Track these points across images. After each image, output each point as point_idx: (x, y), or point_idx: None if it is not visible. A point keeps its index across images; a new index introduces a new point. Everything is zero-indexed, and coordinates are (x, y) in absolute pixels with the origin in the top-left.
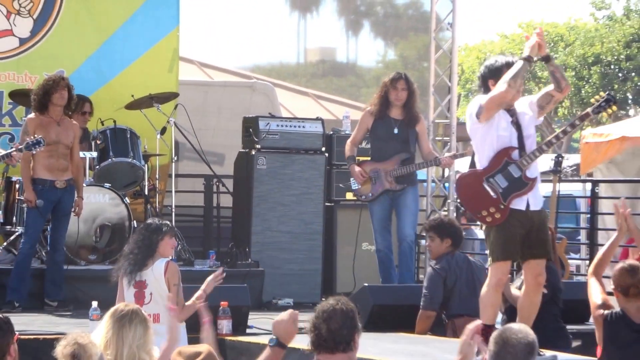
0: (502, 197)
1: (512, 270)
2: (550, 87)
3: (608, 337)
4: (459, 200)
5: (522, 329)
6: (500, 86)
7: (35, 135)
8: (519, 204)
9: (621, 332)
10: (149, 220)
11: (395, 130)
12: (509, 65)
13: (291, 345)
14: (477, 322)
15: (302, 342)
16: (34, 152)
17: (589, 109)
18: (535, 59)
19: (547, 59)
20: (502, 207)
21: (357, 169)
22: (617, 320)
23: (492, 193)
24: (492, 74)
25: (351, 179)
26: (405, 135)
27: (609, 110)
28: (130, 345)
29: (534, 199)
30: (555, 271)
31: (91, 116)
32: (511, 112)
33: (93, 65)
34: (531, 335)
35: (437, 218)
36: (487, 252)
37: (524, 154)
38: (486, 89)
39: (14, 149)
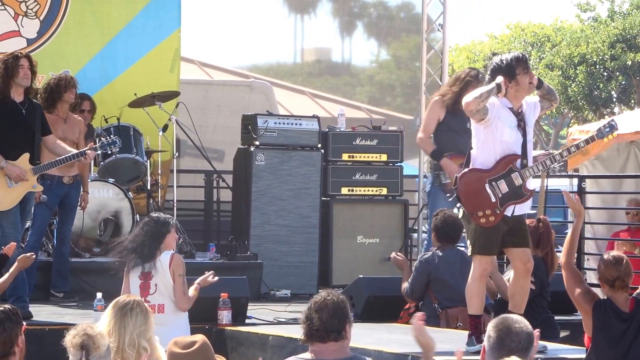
0: (500, 202)
1: (504, 262)
2: None
3: (597, 325)
4: (456, 195)
5: (521, 319)
6: (469, 95)
7: (112, 136)
8: (508, 210)
9: (610, 320)
10: (155, 214)
11: (468, 125)
12: (518, 60)
13: (287, 335)
14: (419, 314)
15: (297, 332)
16: (109, 152)
17: (594, 134)
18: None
19: (539, 86)
20: (497, 211)
21: (454, 164)
22: (606, 308)
23: (492, 196)
24: (504, 70)
25: (441, 173)
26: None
27: (610, 136)
28: (131, 333)
29: (520, 207)
30: (542, 266)
31: (91, 114)
32: (520, 115)
33: (97, 65)
34: (530, 326)
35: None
36: (468, 243)
37: (526, 162)
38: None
39: (88, 147)
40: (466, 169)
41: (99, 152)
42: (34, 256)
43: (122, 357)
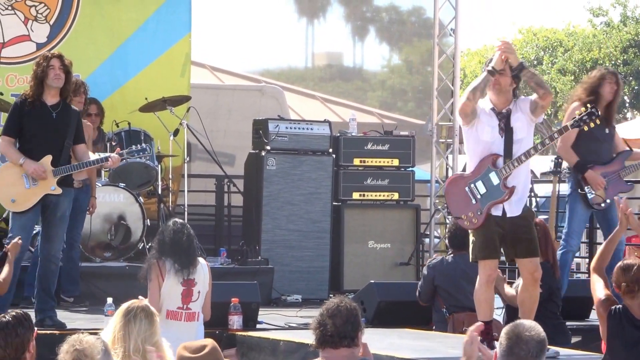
0: (480, 203)
1: (514, 268)
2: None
3: (612, 332)
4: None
5: (533, 325)
6: (462, 96)
7: (143, 144)
8: (495, 210)
9: (624, 328)
10: (180, 219)
11: (607, 130)
12: (487, 62)
13: (298, 340)
14: (478, 324)
15: (308, 338)
16: (137, 159)
17: (567, 123)
18: (498, 69)
19: (519, 69)
20: (479, 213)
21: (599, 176)
22: (621, 316)
23: (472, 199)
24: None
25: (586, 187)
26: (613, 134)
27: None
28: (135, 339)
29: (510, 207)
30: (550, 272)
31: (99, 117)
32: (501, 115)
33: (107, 70)
34: (542, 332)
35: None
36: (470, 250)
37: (507, 162)
38: None
39: (113, 153)
40: (451, 176)
41: (125, 157)
42: (21, 241)
43: None
